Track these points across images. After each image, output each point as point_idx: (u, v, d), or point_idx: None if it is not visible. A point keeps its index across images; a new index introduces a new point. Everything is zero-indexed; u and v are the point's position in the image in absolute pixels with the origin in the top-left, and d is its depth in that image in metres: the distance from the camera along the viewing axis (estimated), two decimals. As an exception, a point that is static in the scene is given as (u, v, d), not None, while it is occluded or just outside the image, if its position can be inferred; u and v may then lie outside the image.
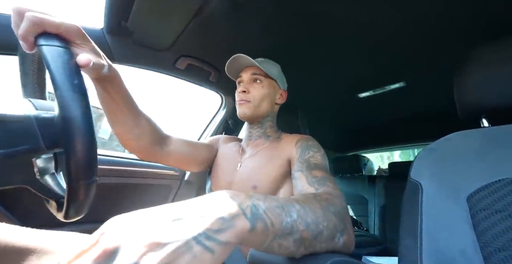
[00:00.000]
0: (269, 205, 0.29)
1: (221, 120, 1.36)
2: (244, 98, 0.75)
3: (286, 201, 0.33)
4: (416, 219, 0.46)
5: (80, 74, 0.32)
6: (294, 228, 0.31)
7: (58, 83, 0.28)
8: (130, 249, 0.19)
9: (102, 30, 0.84)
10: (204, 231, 0.22)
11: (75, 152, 0.29)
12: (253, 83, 0.78)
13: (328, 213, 0.38)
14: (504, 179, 0.41)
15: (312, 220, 0.34)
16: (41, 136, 0.33)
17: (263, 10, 0.79)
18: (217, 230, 0.22)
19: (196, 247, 0.21)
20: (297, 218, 0.32)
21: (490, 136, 0.47)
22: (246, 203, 0.27)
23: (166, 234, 0.20)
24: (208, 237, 0.22)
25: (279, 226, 0.29)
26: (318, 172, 0.58)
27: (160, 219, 0.22)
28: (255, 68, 0.78)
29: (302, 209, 0.34)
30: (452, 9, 0.78)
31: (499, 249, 0.37)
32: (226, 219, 0.23)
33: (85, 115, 0.29)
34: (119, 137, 0.61)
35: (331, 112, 1.78)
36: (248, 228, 0.25)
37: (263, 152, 0.75)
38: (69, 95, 0.29)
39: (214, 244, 0.22)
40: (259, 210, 0.27)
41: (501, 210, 0.39)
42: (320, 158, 0.65)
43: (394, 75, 1.23)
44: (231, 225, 0.24)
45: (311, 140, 0.73)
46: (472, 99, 0.52)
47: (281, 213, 0.30)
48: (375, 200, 1.81)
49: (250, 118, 0.77)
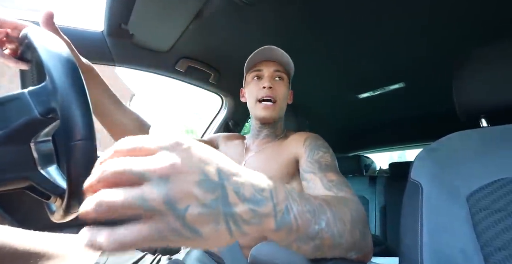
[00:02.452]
0: (301, 209, 0.29)
1: (222, 121, 1.36)
2: (270, 95, 0.70)
3: (320, 206, 0.33)
4: (417, 219, 0.46)
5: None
6: (319, 235, 0.31)
7: (45, 57, 0.31)
8: (176, 189, 0.19)
9: (102, 32, 0.85)
10: (234, 215, 0.22)
11: (70, 110, 0.29)
12: (277, 81, 0.72)
13: (355, 227, 0.37)
14: (503, 178, 0.41)
15: (338, 232, 0.34)
16: (34, 105, 0.33)
17: (263, 12, 0.80)
18: (244, 220, 0.23)
19: (222, 222, 0.21)
20: (324, 226, 0.32)
21: (489, 136, 0.48)
22: (281, 205, 0.27)
23: (207, 195, 0.21)
24: (235, 222, 0.22)
25: (304, 231, 0.29)
26: (332, 175, 0.56)
27: (212, 171, 0.22)
28: (276, 64, 0.72)
29: (332, 217, 0.33)
30: (452, 11, 0.78)
31: (499, 248, 0.37)
32: (257, 214, 0.24)
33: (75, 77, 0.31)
34: (110, 132, 0.63)
35: (331, 113, 1.78)
36: (273, 229, 0.25)
37: (268, 150, 0.73)
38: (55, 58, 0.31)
39: (236, 229, 0.22)
40: (290, 215, 0.27)
41: (501, 210, 0.40)
42: (330, 159, 0.63)
43: (394, 75, 1.23)
44: (259, 222, 0.24)
45: (320, 139, 0.70)
46: (472, 99, 0.52)
47: (311, 219, 0.30)
48: (375, 200, 1.81)
49: (272, 121, 0.74)
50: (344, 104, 1.62)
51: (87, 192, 0.20)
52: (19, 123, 0.33)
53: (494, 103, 0.49)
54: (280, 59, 0.72)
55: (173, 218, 0.19)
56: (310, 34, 0.91)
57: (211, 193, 0.21)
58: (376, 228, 1.73)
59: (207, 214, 0.20)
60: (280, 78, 0.73)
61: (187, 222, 0.19)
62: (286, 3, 0.76)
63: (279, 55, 0.71)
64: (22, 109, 0.33)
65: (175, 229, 0.19)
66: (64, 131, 0.29)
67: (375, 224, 1.75)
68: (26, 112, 0.33)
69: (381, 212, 1.74)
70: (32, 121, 0.33)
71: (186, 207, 0.19)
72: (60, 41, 0.34)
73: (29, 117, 0.33)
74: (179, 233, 0.19)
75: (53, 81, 0.30)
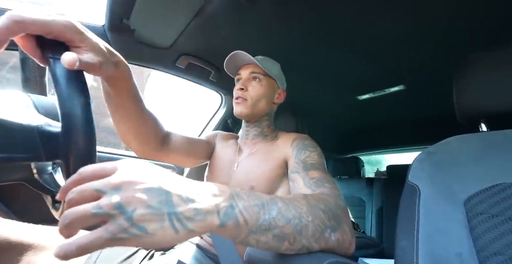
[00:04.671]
0: (248, 204, 0.31)
1: (221, 119, 1.36)
2: (241, 95, 0.74)
3: (270, 199, 0.35)
4: (413, 222, 0.46)
5: (84, 82, 0.31)
6: (273, 224, 0.32)
7: (61, 97, 0.28)
8: (126, 195, 0.24)
9: (103, 27, 0.84)
10: (178, 213, 0.26)
11: (74, 166, 0.29)
12: (252, 81, 0.76)
13: (315, 209, 0.38)
14: (501, 183, 0.41)
15: (293, 216, 0.35)
16: (42, 148, 0.33)
17: (264, 10, 0.79)
18: (188, 217, 0.26)
19: (166, 221, 0.25)
20: (276, 215, 0.33)
21: (489, 140, 0.47)
22: (224, 203, 0.29)
23: (152, 198, 0.25)
24: (179, 220, 0.26)
25: (254, 223, 0.31)
26: (315, 173, 0.57)
27: (158, 181, 0.26)
28: (254, 66, 0.76)
29: (284, 206, 0.35)
30: (453, 14, 0.78)
31: (495, 253, 0.37)
32: (200, 212, 0.27)
33: (86, 130, 0.29)
34: (123, 136, 0.60)
35: (330, 114, 1.78)
36: (217, 224, 0.28)
37: (260, 152, 0.74)
38: (71, 109, 0.29)
39: (180, 227, 0.25)
40: (234, 210, 0.30)
41: (498, 215, 0.39)
42: (316, 157, 0.64)
43: (394, 78, 1.23)
44: (202, 218, 0.27)
45: (307, 139, 0.72)
46: (471, 103, 0.52)
47: (259, 211, 0.32)
48: (372, 202, 1.82)
49: (246, 117, 0.76)
50: (343, 105, 1.61)
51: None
52: (23, 157, 0.32)
53: (494, 107, 0.49)
54: (248, 61, 0.76)
55: (123, 219, 0.23)
56: (310, 34, 0.90)
57: (156, 197, 0.25)
58: (372, 230, 1.74)
59: (152, 213, 0.24)
60: (257, 79, 0.76)
61: (134, 222, 0.23)
62: (287, 2, 0.76)
63: (246, 59, 0.75)
64: (28, 146, 0.32)
65: (125, 228, 0.23)
66: (67, 176, 0.29)
67: (372, 226, 1.75)
68: (32, 151, 0.32)
69: (378, 214, 1.75)
70: (36, 159, 0.33)
71: (133, 209, 0.24)
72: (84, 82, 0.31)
73: (35, 157, 0.33)
74: (128, 232, 0.23)
75: (67, 135, 0.29)
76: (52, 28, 0.29)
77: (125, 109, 0.52)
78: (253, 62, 0.74)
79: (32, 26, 0.28)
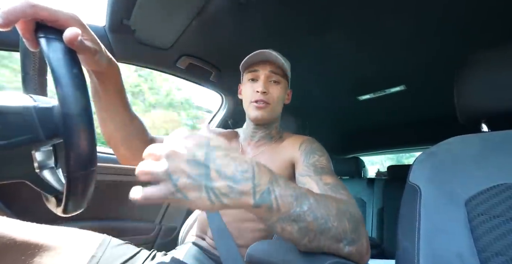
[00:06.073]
0: (284, 193, 0.33)
1: (221, 120, 1.36)
2: (264, 99, 0.68)
3: (303, 193, 0.35)
4: (414, 222, 0.46)
5: (79, 64, 0.32)
6: (302, 217, 0.33)
7: (57, 75, 0.28)
8: (172, 165, 0.28)
9: (104, 28, 0.84)
10: (214, 188, 0.28)
11: (75, 142, 0.29)
12: (271, 83, 0.71)
13: (342, 216, 0.37)
14: (502, 184, 0.41)
15: (322, 215, 0.35)
16: (40, 126, 0.33)
17: (265, 11, 0.80)
18: (223, 193, 0.29)
19: (203, 192, 0.28)
20: (307, 209, 0.34)
21: (490, 141, 0.47)
22: (262, 186, 0.31)
23: (192, 170, 0.28)
24: (214, 194, 0.28)
25: (286, 212, 0.32)
26: (328, 178, 0.56)
27: (202, 154, 0.29)
28: (274, 65, 0.71)
29: (315, 203, 0.35)
30: (453, 14, 0.78)
31: (496, 253, 0.37)
32: (234, 190, 0.29)
33: (84, 105, 0.29)
34: (109, 138, 0.58)
35: (331, 114, 1.78)
36: (251, 204, 0.30)
37: (266, 154, 0.73)
38: (68, 85, 0.29)
39: (216, 200, 0.29)
40: (270, 195, 0.31)
41: (499, 215, 0.39)
42: (325, 162, 0.63)
43: (395, 78, 1.23)
44: (237, 196, 0.29)
45: (314, 142, 0.70)
46: (472, 103, 0.52)
47: (292, 202, 0.33)
48: (373, 202, 1.81)
49: (264, 122, 0.73)
50: (344, 106, 1.61)
51: None
52: (21, 139, 0.32)
53: (495, 107, 0.49)
54: (275, 60, 0.70)
55: (170, 184, 0.28)
56: (311, 35, 0.90)
57: (195, 169, 0.28)
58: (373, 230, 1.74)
59: (192, 184, 0.28)
60: (275, 81, 0.71)
61: (178, 188, 0.28)
62: (287, 3, 0.76)
63: (273, 57, 0.69)
64: (26, 127, 0.32)
65: (172, 192, 0.28)
66: (67, 160, 0.29)
67: (372, 226, 1.75)
68: (31, 131, 0.33)
69: (379, 215, 1.74)
70: (35, 139, 0.33)
71: (177, 177, 0.28)
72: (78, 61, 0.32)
73: (33, 136, 0.33)
74: (174, 195, 0.28)
75: (65, 110, 0.29)
76: (59, 17, 0.32)
77: (113, 106, 0.52)
78: (282, 64, 0.70)
79: (43, 11, 0.31)
